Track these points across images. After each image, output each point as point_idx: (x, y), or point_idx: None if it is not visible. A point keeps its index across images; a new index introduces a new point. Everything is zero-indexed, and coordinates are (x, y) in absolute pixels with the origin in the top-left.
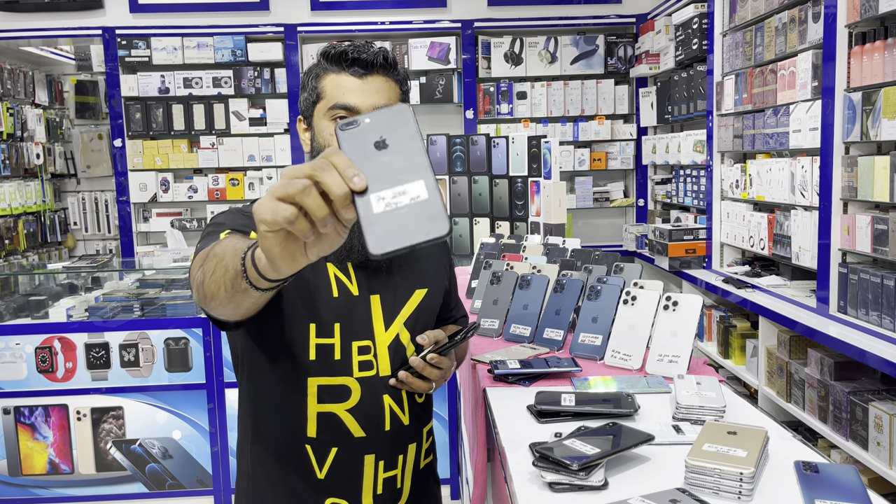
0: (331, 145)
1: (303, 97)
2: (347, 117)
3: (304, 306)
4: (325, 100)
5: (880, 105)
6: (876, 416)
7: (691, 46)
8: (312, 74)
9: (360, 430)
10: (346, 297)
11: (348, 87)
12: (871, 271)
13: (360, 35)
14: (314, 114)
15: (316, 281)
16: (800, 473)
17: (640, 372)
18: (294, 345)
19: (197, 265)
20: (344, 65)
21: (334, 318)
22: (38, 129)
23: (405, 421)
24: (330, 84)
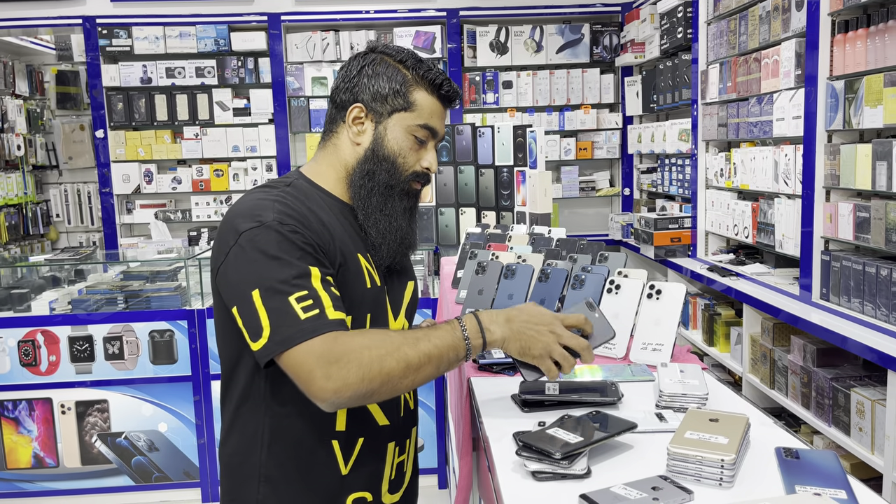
0: (406, 157)
1: (372, 88)
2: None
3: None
4: (415, 114)
5: (862, 93)
6: (858, 402)
7: (676, 35)
8: (401, 79)
9: (384, 418)
10: (375, 287)
11: (436, 111)
12: (854, 259)
13: (345, 24)
14: (392, 117)
15: (353, 273)
16: (780, 459)
17: (625, 360)
18: None
19: (364, 374)
20: (441, 92)
21: (367, 309)
22: (18, 120)
23: (412, 405)
24: (425, 103)
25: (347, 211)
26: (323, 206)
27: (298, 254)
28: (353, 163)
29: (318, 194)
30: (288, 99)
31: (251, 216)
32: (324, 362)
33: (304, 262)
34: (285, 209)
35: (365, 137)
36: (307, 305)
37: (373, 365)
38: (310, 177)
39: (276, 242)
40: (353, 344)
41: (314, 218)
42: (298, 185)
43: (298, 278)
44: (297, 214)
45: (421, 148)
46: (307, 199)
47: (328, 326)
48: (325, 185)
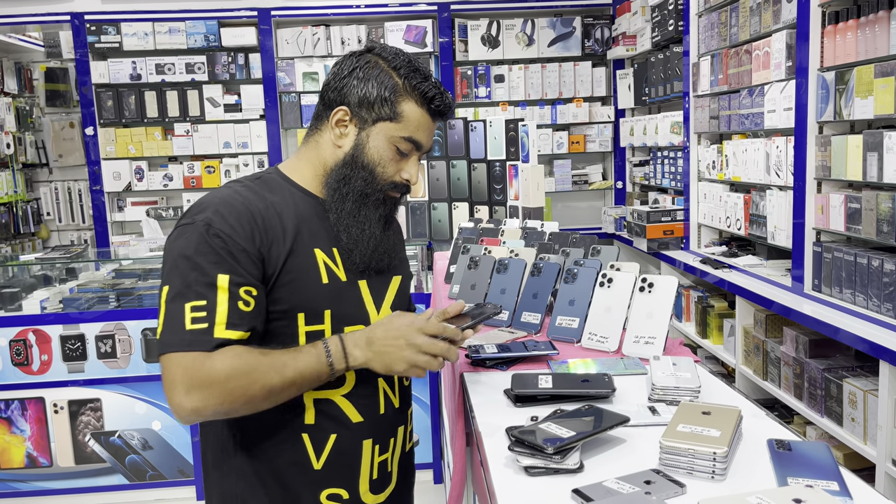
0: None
1: (359, 92)
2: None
3: (292, 296)
4: (401, 125)
5: (853, 84)
6: (850, 393)
7: (667, 27)
8: (391, 88)
9: (357, 415)
10: (335, 283)
11: (423, 124)
12: (845, 250)
13: (336, 19)
14: (377, 125)
15: (305, 269)
16: (773, 451)
17: (617, 354)
18: (283, 335)
19: (207, 388)
20: (432, 105)
21: (324, 304)
22: (7, 118)
23: (396, 404)
24: (412, 115)
25: (320, 207)
26: (289, 200)
27: (214, 258)
28: (332, 164)
29: (289, 189)
30: (279, 94)
31: (193, 211)
32: (187, 381)
33: (216, 269)
34: (226, 209)
35: (346, 141)
36: (198, 317)
37: (235, 393)
38: (286, 172)
39: (195, 244)
40: (219, 372)
41: (268, 213)
42: (269, 178)
43: (203, 285)
44: (236, 214)
45: (402, 159)
46: (273, 192)
47: (206, 344)
48: (300, 180)
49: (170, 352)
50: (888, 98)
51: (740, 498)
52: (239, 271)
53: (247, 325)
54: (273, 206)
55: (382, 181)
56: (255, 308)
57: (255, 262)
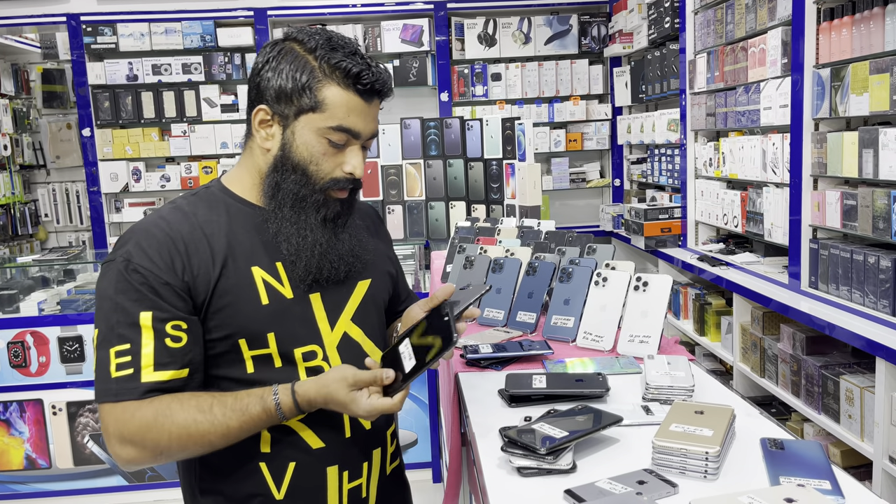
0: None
1: (275, 86)
2: (343, 139)
3: (230, 322)
4: (326, 114)
5: (848, 81)
6: (847, 390)
7: (664, 25)
8: (305, 74)
9: (318, 441)
10: (277, 302)
11: (354, 108)
12: (841, 246)
13: (332, 18)
14: (300, 119)
15: (239, 291)
16: (765, 450)
17: (612, 353)
18: (229, 363)
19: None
20: (359, 86)
21: (265, 327)
22: (4, 119)
23: (367, 426)
24: (335, 100)
25: (261, 219)
26: (223, 217)
27: (135, 296)
28: (265, 170)
29: (227, 202)
30: None
31: (116, 247)
32: (118, 434)
33: (138, 308)
34: (146, 241)
35: (273, 143)
36: (123, 362)
37: (171, 446)
38: (226, 183)
39: (114, 282)
40: (149, 425)
41: (193, 237)
42: (206, 193)
43: (125, 327)
44: (157, 245)
45: (340, 151)
46: (210, 208)
47: (133, 392)
48: (240, 191)
49: (100, 402)
50: (883, 94)
51: (732, 497)
52: (163, 306)
53: (179, 363)
54: (201, 228)
55: (319, 180)
56: (187, 343)
57: (181, 294)
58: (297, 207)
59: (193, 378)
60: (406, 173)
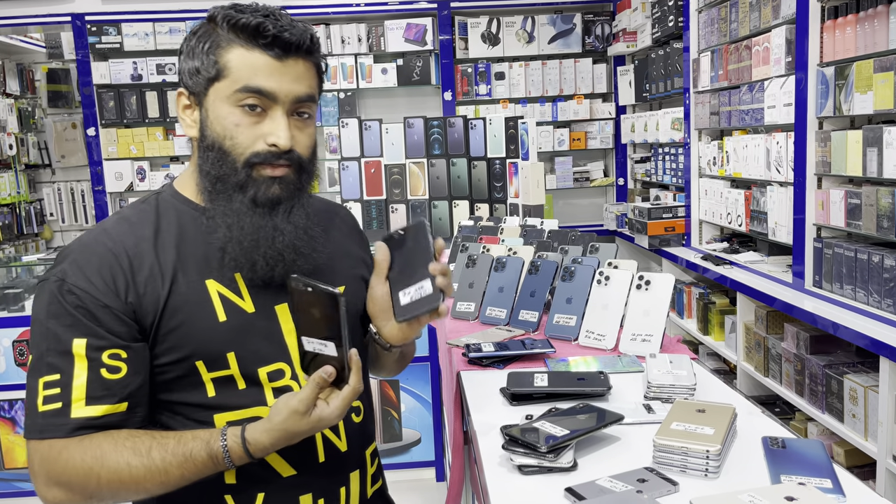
0: (235, 137)
1: (188, 67)
2: (257, 103)
3: (185, 343)
4: (229, 79)
5: (853, 79)
6: (851, 389)
7: (668, 23)
8: (208, 42)
9: (288, 468)
10: (237, 318)
11: (263, 67)
12: (846, 245)
13: (336, 17)
14: (209, 93)
15: (192, 308)
16: (767, 449)
17: (614, 352)
18: (188, 388)
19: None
20: (260, 41)
21: (224, 347)
22: (10, 119)
23: (342, 448)
24: (238, 61)
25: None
26: (172, 225)
27: (68, 320)
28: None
29: (178, 208)
30: None
31: (55, 261)
32: (44, 474)
33: (70, 334)
34: (84, 257)
35: (196, 127)
36: (51, 395)
37: (102, 492)
38: (177, 186)
39: (46, 305)
40: (77, 468)
41: (139, 250)
42: (155, 200)
43: (56, 355)
44: (96, 262)
45: (259, 120)
46: (159, 217)
47: (60, 430)
48: (190, 194)
49: (27, 438)
50: (888, 93)
51: (732, 496)
52: (99, 333)
53: (116, 396)
54: (147, 240)
55: (238, 156)
56: (126, 374)
57: (122, 318)
58: (222, 192)
59: (135, 413)
60: (409, 172)
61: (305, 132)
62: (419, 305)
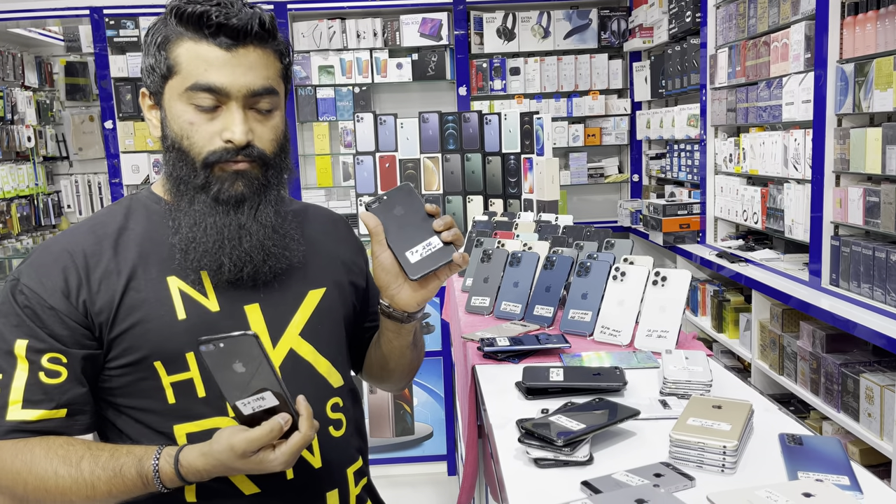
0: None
1: (145, 64)
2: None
3: (142, 342)
4: (180, 76)
5: (872, 76)
6: (867, 388)
7: (685, 19)
8: (159, 38)
9: (251, 486)
10: (199, 317)
11: (212, 61)
12: (863, 244)
13: (351, 12)
14: (164, 91)
15: (150, 306)
16: (784, 446)
17: (629, 347)
18: (147, 392)
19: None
20: (206, 31)
21: (182, 346)
22: (28, 111)
23: (316, 464)
24: (187, 55)
25: None
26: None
27: (15, 320)
28: None
29: (149, 207)
30: (295, 88)
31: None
32: None
33: (14, 334)
34: (40, 257)
35: (157, 127)
36: None
37: (28, 498)
38: (154, 187)
39: (1, 303)
40: (6, 470)
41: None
42: (129, 200)
43: (0, 354)
44: (49, 262)
45: (214, 118)
46: (128, 216)
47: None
48: (162, 193)
49: None
50: None
51: (749, 492)
52: (40, 335)
53: (54, 402)
54: (108, 238)
55: (195, 156)
56: (66, 380)
57: (67, 322)
58: (183, 193)
59: (75, 420)
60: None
61: (267, 125)
62: (431, 260)
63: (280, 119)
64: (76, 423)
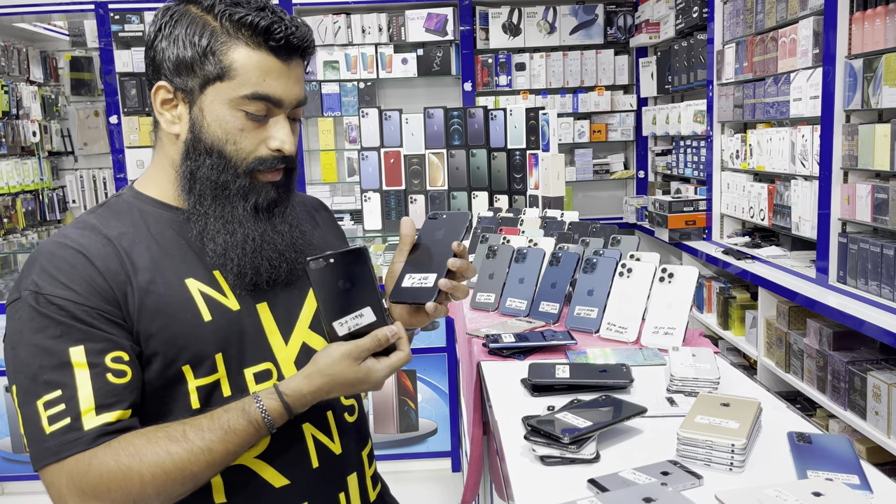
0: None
1: (172, 56)
2: (264, 110)
3: (168, 347)
4: (235, 81)
5: (881, 72)
6: (874, 386)
7: (692, 15)
8: (207, 36)
9: (280, 478)
10: (223, 317)
11: (271, 70)
12: (871, 241)
13: (357, 7)
14: (207, 92)
15: (175, 310)
16: (792, 444)
17: (636, 344)
18: (170, 399)
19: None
20: (271, 42)
21: (212, 347)
22: (33, 106)
23: (336, 450)
24: (249, 62)
25: (185, 222)
26: (141, 226)
27: (57, 331)
28: (178, 160)
29: (142, 208)
30: None
31: (20, 278)
32: (76, 492)
33: (64, 343)
34: (54, 265)
35: (182, 126)
36: (56, 413)
37: (146, 492)
38: (139, 187)
39: (28, 321)
40: (114, 473)
41: (107, 251)
42: (115, 202)
43: (51, 371)
44: (68, 266)
45: (261, 125)
46: (122, 219)
47: (77, 445)
48: (155, 193)
49: (40, 468)
50: None
51: (758, 490)
52: (96, 336)
53: (127, 402)
54: (117, 240)
55: (241, 162)
56: (132, 377)
57: (115, 320)
58: (221, 198)
59: (136, 421)
60: (429, 163)
61: (295, 133)
62: (411, 294)
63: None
64: (137, 424)
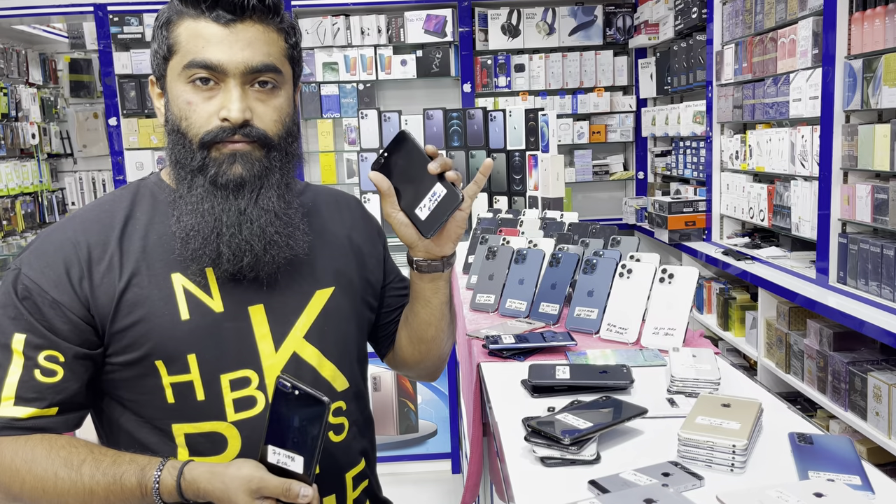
0: (189, 116)
1: (153, 50)
2: (206, 77)
3: (143, 340)
4: (179, 55)
5: (881, 72)
6: (875, 387)
7: (691, 15)
8: (163, 20)
9: None
10: (202, 318)
11: (210, 37)
12: (871, 241)
13: (356, 8)
14: (167, 73)
15: (153, 304)
16: (794, 445)
17: (636, 345)
18: (149, 390)
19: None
20: (203, 6)
21: (185, 347)
22: (32, 108)
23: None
24: (185, 34)
25: None
26: (147, 213)
27: (13, 312)
28: None
29: (156, 194)
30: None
31: (23, 249)
32: None
33: (12, 327)
34: (41, 247)
35: (162, 113)
36: None
37: (23, 496)
38: (163, 174)
39: (3, 293)
40: (7, 465)
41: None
42: (136, 186)
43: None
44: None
45: (212, 97)
46: (135, 204)
47: None
48: (170, 179)
49: None
50: None
51: (759, 491)
52: (39, 331)
53: (47, 401)
54: (114, 229)
55: (193, 136)
56: (62, 379)
57: (69, 316)
58: (182, 177)
59: (66, 417)
60: None
61: (270, 104)
62: (440, 212)
63: (285, 100)
64: (67, 421)
